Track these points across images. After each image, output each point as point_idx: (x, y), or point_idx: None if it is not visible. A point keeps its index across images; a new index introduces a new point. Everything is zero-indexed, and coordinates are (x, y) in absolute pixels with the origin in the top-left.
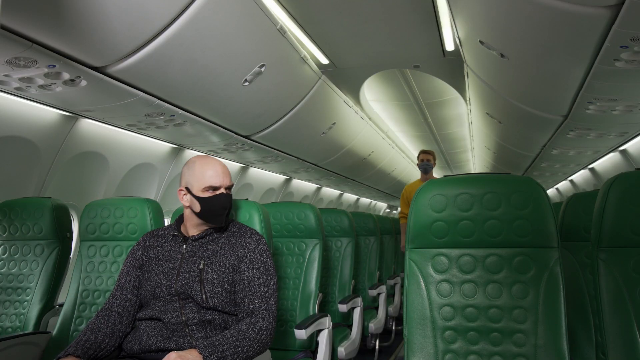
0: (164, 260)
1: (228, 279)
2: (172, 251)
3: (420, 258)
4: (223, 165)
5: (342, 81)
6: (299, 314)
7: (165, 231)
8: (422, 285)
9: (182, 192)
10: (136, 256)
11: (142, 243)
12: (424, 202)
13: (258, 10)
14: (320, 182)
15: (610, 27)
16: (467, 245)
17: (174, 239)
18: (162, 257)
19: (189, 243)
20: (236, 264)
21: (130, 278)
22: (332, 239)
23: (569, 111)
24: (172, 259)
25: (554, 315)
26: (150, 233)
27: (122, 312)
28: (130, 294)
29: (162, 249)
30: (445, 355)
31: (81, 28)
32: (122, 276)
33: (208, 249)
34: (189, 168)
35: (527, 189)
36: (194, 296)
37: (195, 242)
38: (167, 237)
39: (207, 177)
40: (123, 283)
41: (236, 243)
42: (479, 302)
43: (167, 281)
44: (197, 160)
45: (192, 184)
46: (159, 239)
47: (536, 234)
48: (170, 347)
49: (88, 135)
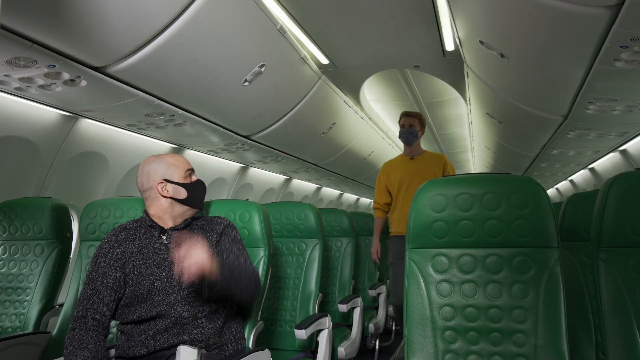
0: (150, 253)
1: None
2: (152, 243)
3: (420, 258)
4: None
5: (342, 81)
6: (299, 314)
7: (133, 224)
8: (422, 285)
9: (162, 184)
10: (114, 255)
11: (114, 239)
12: (424, 202)
13: (258, 10)
14: (320, 182)
15: (610, 27)
16: (467, 245)
17: (149, 231)
18: (145, 251)
19: (168, 234)
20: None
21: (108, 280)
22: (332, 239)
23: (569, 111)
24: (157, 251)
25: (554, 315)
26: (118, 228)
27: (98, 318)
28: (107, 297)
29: (141, 242)
30: (445, 355)
31: (81, 28)
32: (96, 278)
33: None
34: (159, 163)
35: (527, 189)
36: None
37: (174, 232)
38: (139, 230)
39: (182, 163)
40: (99, 286)
41: (210, 228)
42: (479, 302)
43: (165, 273)
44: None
45: (171, 173)
46: (131, 232)
47: (536, 234)
48: (184, 339)
49: (88, 135)
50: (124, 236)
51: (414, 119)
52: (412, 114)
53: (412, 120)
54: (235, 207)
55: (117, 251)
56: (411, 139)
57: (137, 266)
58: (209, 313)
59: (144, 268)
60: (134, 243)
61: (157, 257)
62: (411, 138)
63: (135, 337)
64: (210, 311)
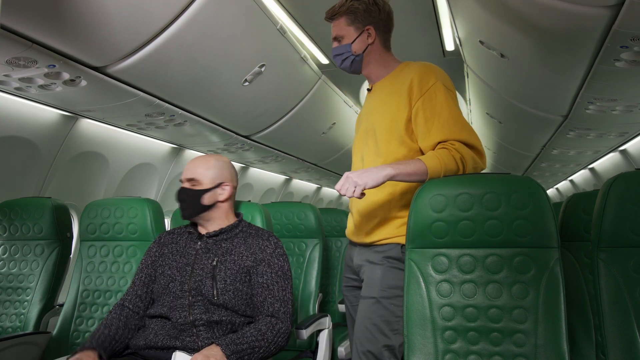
0: (178, 256)
1: (241, 278)
2: (186, 247)
3: (420, 258)
4: (198, 159)
5: (342, 81)
6: (299, 314)
7: (181, 229)
8: (422, 285)
9: None
10: (150, 253)
11: (158, 241)
12: (424, 202)
13: (258, 10)
14: (320, 182)
15: (610, 27)
16: (467, 245)
17: (189, 236)
18: (176, 253)
19: (204, 240)
20: (253, 266)
21: (142, 275)
22: (332, 239)
23: (569, 111)
24: (187, 255)
25: (554, 315)
26: (166, 231)
27: (132, 308)
28: (140, 290)
29: (176, 245)
30: (445, 355)
31: (81, 28)
32: (136, 273)
33: (222, 247)
34: None
35: (527, 189)
36: (205, 293)
37: (209, 239)
38: (183, 235)
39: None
40: (136, 279)
41: (253, 244)
42: (479, 302)
43: (181, 277)
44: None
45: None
46: (174, 236)
47: (536, 234)
48: (176, 345)
49: (88, 135)
50: (166, 239)
51: (340, 20)
52: (335, 13)
53: (337, 26)
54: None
55: (154, 251)
56: (347, 64)
57: (162, 266)
58: (210, 323)
59: (167, 269)
60: (169, 246)
61: (184, 260)
62: (346, 63)
63: (144, 331)
64: (212, 321)
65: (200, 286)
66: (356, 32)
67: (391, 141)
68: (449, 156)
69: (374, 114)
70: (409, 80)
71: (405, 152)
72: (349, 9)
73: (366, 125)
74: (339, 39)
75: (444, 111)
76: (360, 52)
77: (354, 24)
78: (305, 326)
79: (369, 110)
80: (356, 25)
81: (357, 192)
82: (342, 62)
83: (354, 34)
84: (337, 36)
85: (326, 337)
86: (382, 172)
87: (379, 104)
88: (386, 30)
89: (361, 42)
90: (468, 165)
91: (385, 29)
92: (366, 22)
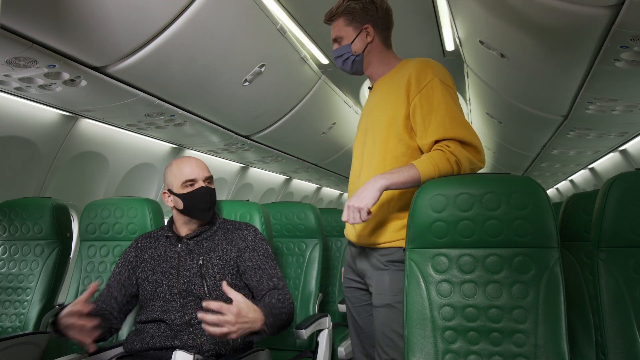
0: (161, 260)
1: (230, 272)
2: (167, 251)
3: (420, 258)
4: (197, 159)
5: (342, 81)
6: (299, 314)
7: (158, 233)
8: (422, 285)
9: (166, 194)
10: (129, 258)
11: (135, 245)
12: (424, 202)
13: (258, 10)
14: (320, 182)
15: (610, 27)
16: (467, 245)
17: (167, 240)
18: (157, 258)
19: (184, 242)
20: (238, 255)
21: (120, 277)
22: (332, 239)
23: (569, 111)
24: (169, 259)
25: (554, 315)
26: (142, 235)
27: (106, 308)
28: (116, 292)
29: (156, 250)
30: (445, 355)
31: (81, 28)
32: (112, 276)
33: (204, 246)
34: (168, 170)
35: (527, 189)
36: (196, 292)
37: (190, 241)
38: (161, 239)
39: (183, 173)
40: (112, 282)
41: (234, 237)
42: (479, 302)
43: (168, 281)
44: (174, 161)
45: (172, 183)
46: (151, 241)
47: (536, 234)
48: (175, 344)
49: (88, 135)
50: (143, 244)
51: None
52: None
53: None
54: (236, 208)
55: (132, 256)
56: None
57: (145, 272)
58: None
59: (150, 274)
60: (148, 251)
61: (167, 264)
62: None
63: (138, 335)
64: None
65: (190, 287)
66: (355, 32)
67: (389, 138)
68: (444, 159)
69: (373, 111)
70: (407, 77)
71: (404, 149)
72: (346, 10)
73: (365, 123)
74: (338, 40)
75: (441, 108)
76: (360, 51)
77: (352, 23)
78: (305, 326)
79: (369, 108)
80: (354, 25)
81: (364, 216)
82: (343, 63)
83: (353, 34)
84: (337, 37)
85: (326, 337)
86: (377, 186)
87: (379, 101)
88: (385, 28)
89: (360, 42)
90: (464, 167)
91: (384, 27)
92: (364, 21)
